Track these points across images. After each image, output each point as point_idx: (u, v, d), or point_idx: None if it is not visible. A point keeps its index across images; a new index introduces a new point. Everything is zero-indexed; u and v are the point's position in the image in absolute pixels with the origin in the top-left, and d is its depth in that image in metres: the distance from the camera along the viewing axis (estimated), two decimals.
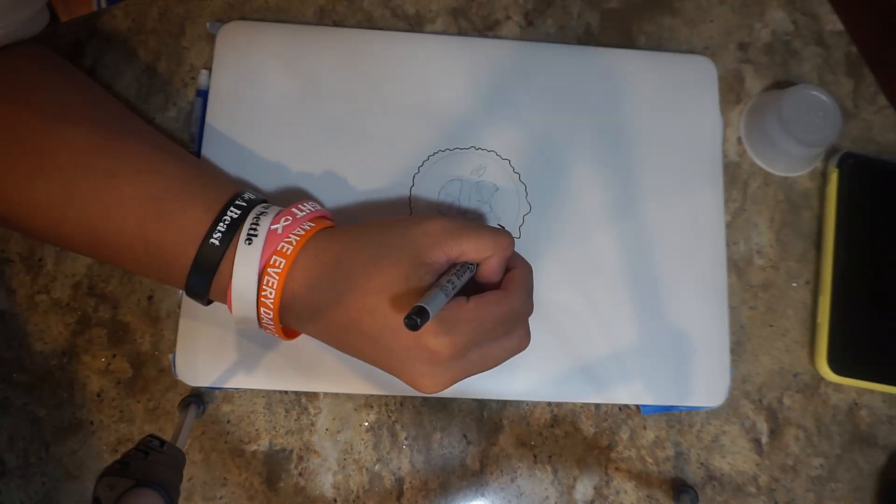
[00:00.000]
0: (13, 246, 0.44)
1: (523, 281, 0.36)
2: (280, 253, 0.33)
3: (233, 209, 0.34)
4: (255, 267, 0.33)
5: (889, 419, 0.47)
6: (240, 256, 0.33)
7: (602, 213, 0.46)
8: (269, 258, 0.33)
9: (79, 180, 0.34)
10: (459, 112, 0.47)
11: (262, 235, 0.33)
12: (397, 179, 0.45)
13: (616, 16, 0.52)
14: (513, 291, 0.35)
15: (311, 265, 0.34)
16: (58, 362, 0.43)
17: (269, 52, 0.47)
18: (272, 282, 0.33)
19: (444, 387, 0.34)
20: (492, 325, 0.33)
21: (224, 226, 0.34)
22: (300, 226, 0.35)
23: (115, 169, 0.35)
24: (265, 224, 0.34)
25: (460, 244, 0.34)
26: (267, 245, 0.33)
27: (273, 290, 0.33)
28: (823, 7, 0.53)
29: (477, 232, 0.35)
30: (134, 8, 0.48)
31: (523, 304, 0.35)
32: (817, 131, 0.47)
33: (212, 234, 0.34)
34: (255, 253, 0.33)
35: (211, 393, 0.43)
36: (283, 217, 0.35)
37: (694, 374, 0.45)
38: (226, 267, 0.34)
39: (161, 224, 0.34)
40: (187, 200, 0.35)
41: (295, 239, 0.34)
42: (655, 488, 0.45)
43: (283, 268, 0.33)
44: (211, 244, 0.33)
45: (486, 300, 0.34)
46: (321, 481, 0.43)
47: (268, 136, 0.45)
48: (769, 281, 0.48)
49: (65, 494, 0.41)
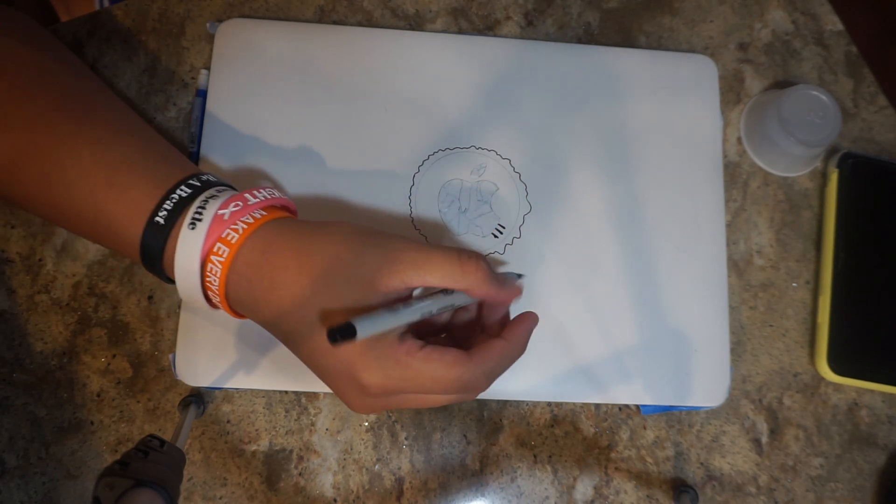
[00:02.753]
0: (13, 246, 0.44)
1: (496, 356, 0.32)
2: (224, 241, 0.32)
3: (183, 188, 0.33)
4: (197, 252, 0.31)
5: (889, 419, 0.47)
6: (182, 240, 0.32)
7: (602, 213, 0.46)
8: (212, 245, 0.32)
9: (41, 137, 0.34)
10: (459, 111, 0.47)
11: (206, 220, 0.31)
12: (397, 179, 0.45)
13: (616, 15, 0.52)
14: (475, 362, 0.31)
15: (256, 261, 0.32)
16: (58, 362, 0.43)
17: (268, 50, 0.47)
18: (216, 269, 0.32)
19: (372, 412, 0.33)
20: (432, 385, 0.31)
21: (171, 204, 0.32)
22: (250, 213, 0.33)
23: (77, 132, 0.34)
24: (212, 208, 0.32)
25: (421, 273, 0.31)
26: (211, 230, 0.31)
27: (217, 278, 0.32)
28: (823, 7, 0.53)
29: (441, 258, 0.32)
30: (134, 8, 0.48)
31: (477, 380, 0.31)
32: (817, 131, 0.47)
33: (157, 213, 0.32)
34: (199, 238, 0.31)
35: (211, 393, 0.43)
36: (232, 202, 0.32)
37: (694, 374, 0.45)
38: (171, 246, 0.32)
39: (112, 194, 0.33)
40: (141, 173, 0.33)
41: (242, 227, 0.32)
42: (655, 488, 0.45)
43: (227, 257, 0.31)
44: (156, 223, 0.32)
45: (439, 357, 0.31)
46: (321, 481, 0.43)
47: (267, 135, 0.45)
48: (769, 281, 0.48)
49: (65, 494, 0.41)
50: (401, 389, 0.31)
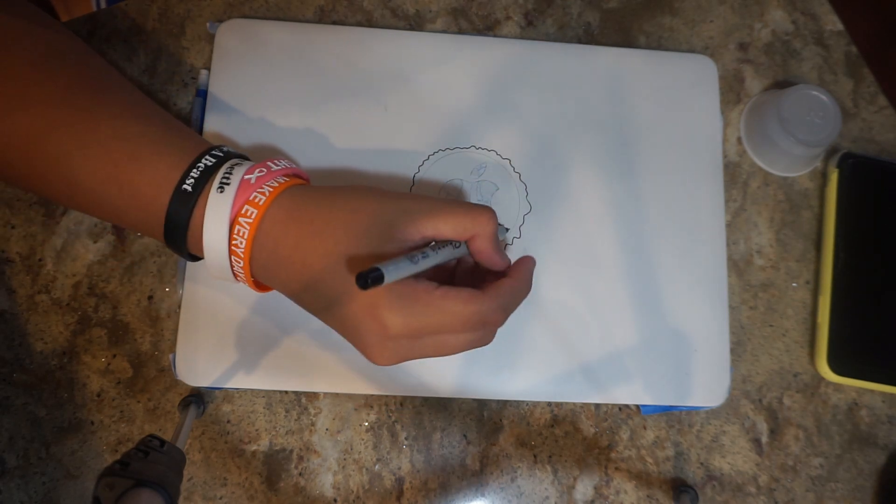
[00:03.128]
0: (13, 246, 0.44)
1: (507, 291, 0.34)
2: (252, 203, 0.33)
3: (208, 157, 0.34)
4: (226, 215, 0.33)
5: (889, 419, 0.47)
6: (211, 203, 0.33)
7: (602, 213, 0.46)
8: (240, 207, 0.33)
9: (58, 113, 0.34)
10: (459, 111, 0.47)
11: (234, 184, 0.33)
12: (398, 179, 0.45)
13: (616, 16, 0.52)
14: (489, 296, 0.33)
15: (282, 219, 0.34)
16: (58, 362, 0.43)
17: (268, 49, 0.47)
18: (243, 231, 0.33)
19: (393, 362, 0.33)
20: (452, 320, 0.32)
21: (198, 172, 0.34)
22: (274, 178, 0.35)
23: (95, 108, 0.35)
24: (238, 174, 0.34)
25: (435, 223, 0.33)
26: (239, 194, 0.33)
27: (244, 240, 0.33)
28: (823, 7, 0.53)
29: (454, 209, 0.34)
30: (134, 8, 0.48)
31: (494, 312, 0.33)
32: (817, 131, 0.47)
33: (184, 181, 0.33)
34: (227, 201, 0.33)
35: (211, 393, 0.43)
36: (257, 169, 0.34)
37: (694, 374, 0.45)
38: (199, 214, 0.34)
39: (136, 167, 0.34)
40: (164, 146, 0.35)
41: (268, 189, 0.34)
42: (655, 488, 0.45)
43: (255, 218, 0.33)
44: (184, 190, 0.33)
45: (456, 294, 0.32)
46: (321, 481, 0.43)
47: (267, 135, 0.45)
48: (769, 281, 0.48)
49: (65, 494, 0.41)
50: (423, 329, 0.32)
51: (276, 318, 0.43)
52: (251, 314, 0.43)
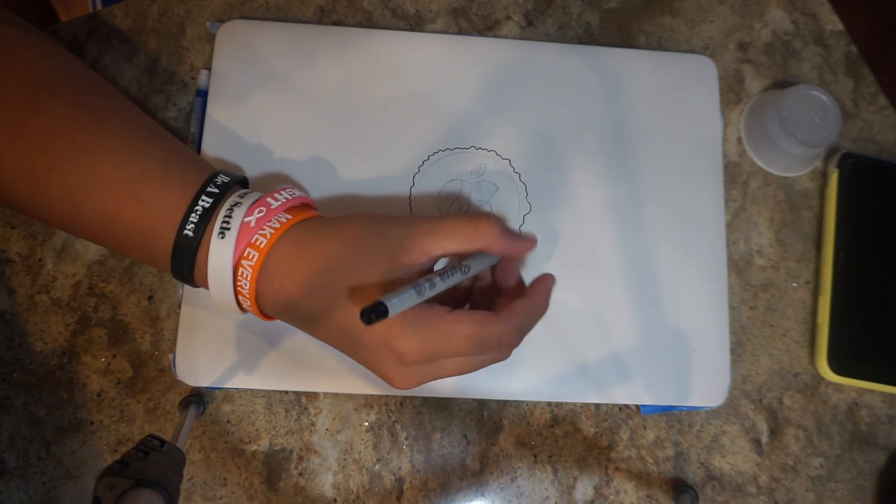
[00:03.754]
0: (13, 246, 0.44)
1: (521, 312, 0.34)
2: (254, 245, 0.33)
3: (205, 198, 0.34)
4: (229, 260, 0.33)
5: (889, 419, 0.47)
6: (213, 250, 0.33)
7: (602, 213, 0.46)
8: (242, 251, 0.33)
9: (60, 152, 0.34)
10: (459, 112, 0.47)
11: (234, 229, 0.33)
12: (397, 179, 0.45)
13: (616, 16, 0.52)
14: (503, 318, 0.33)
15: (285, 258, 0.34)
16: (58, 362, 0.43)
17: (268, 50, 0.47)
18: (247, 273, 0.33)
19: (414, 385, 0.34)
20: (466, 344, 0.32)
21: (196, 216, 0.34)
22: (275, 216, 0.35)
23: (95, 144, 0.34)
24: (238, 216, 0.34)
25: (439, 241, 0.33)
26: (240, 238, 0.33)
27: (248, 282, 0.34)
28: (823, 7, 0.53)
29: (454, 223, 0.34)
30: (134, 8, 0.48)
31: (508, 334, 0.33)
32: (817, 131, 0.47)
33: (185, 226, 0.34)
34: (229, 247, 0.33)
35: (211, 393, 0.43)
36: (256, 209, 0.34)
37: (694, 374, 0.45)
38: (202, 255, 0.34)
39: (139, 207, 0.34)
40: (164, 184, 0.34)
41: (269, 231, 0.34)
42: (655, 488, 0.45)
43: (257, 261, 0.33)
44: (185, 236, 0.34)
45: (468, 318, 0.32)
46: (321, 481, 0.43)
47: (268, 136, 0.45)
48: (769, 281, 0.48)
49: (65, 494, 0.41)
50: (437, 354, 0.32)
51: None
52: (251, 314, 0.43)
